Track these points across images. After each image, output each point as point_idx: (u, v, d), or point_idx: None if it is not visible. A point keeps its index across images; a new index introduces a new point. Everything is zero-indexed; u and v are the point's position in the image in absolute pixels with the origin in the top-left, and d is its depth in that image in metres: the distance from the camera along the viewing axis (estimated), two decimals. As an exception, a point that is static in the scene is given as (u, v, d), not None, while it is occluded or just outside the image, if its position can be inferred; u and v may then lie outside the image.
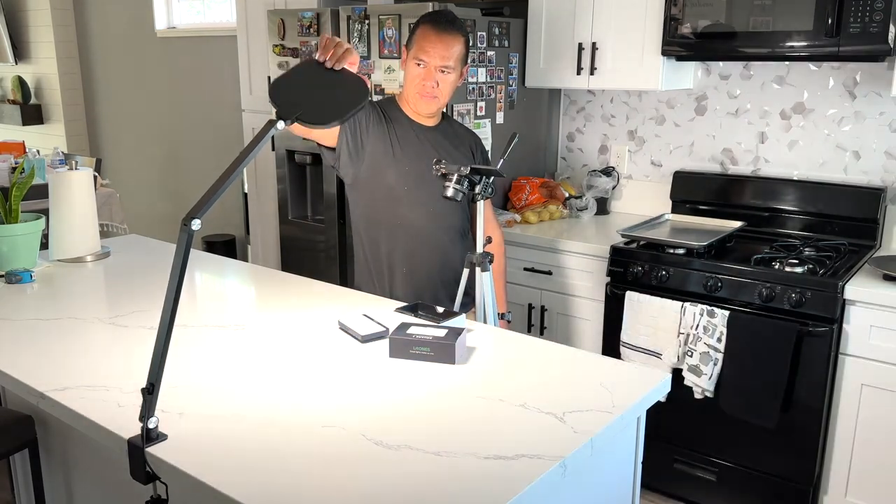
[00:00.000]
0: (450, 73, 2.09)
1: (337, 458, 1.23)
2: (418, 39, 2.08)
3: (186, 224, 1.21)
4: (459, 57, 2.10)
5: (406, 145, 2.14)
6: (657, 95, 3.22)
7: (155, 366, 1.22)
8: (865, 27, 2.35)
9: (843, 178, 2.83)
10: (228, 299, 2.10)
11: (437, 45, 2.05)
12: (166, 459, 1.23)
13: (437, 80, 2.08)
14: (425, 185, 2.14)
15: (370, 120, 2.11)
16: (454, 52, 2.07)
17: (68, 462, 1.93)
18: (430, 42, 2.06)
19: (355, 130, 2.09)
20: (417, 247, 2.19)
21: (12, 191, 2.31)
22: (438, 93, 2.10)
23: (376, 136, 2.12)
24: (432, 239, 2.20)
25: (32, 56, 6.22)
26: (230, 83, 4.81)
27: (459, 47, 2.09)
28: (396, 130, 2.14)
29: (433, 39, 2.05)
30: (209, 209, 1.25)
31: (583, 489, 1.40)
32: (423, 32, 2.08)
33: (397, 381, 1.53)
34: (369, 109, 2.13)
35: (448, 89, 2.12)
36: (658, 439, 2.66)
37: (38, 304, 2.00)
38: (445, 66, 2.07)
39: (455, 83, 2.14)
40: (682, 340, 2.49)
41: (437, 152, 2.16)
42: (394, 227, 2.18)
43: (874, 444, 2.34)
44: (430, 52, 2.06)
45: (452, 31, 2.07)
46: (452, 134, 2.25)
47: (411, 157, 2.14)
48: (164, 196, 5.67)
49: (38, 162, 4.19)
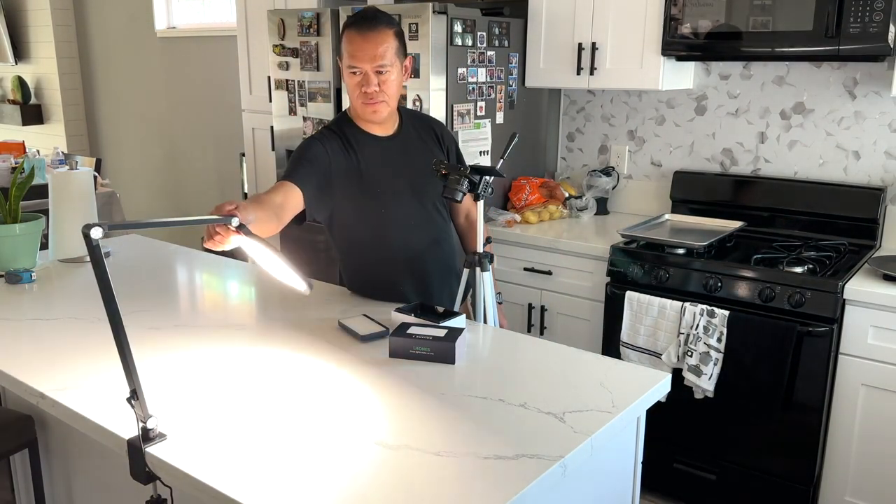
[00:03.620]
0: (389, 72, 1.97)
1: (337, 458, 1.23)
2: (346, 46, 1.98)
3: (86, 233, 1.16)
4: (394, 52, 1.97)
5: (372, 167, 2.05)
6: (657, 95, 3.22)
7: (128, 373, 1.22)
8: (865, 27, 2.35)
9: (843, 178, 2.83)
10: (228, 299, 2.10)
11: (365, 46, 1.94)
12: (166, 459, 1.23)
13: (378, 82, 1.96)
14: (400, 202, 2.07)
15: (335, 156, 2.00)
16: (385, 48, 1.95)
17: (68, 462, 1.93)
18: (357, 46, 1.94)
19: (320, 177, 1.97)
20: (414, 261, 2.12)
21: (12, 191, 2.31)
22: (383, 96, 1.99)
23: (343, 171, 2.01)
24: (425, 249, 2.13)
25: (32, 56, 6.22)
26: (230, 83, 4.81)
27: (391, 42, 1.96)
28: (359, 155, 2.04)
29: (359, 43, 1.94)
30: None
31: (583, 489, 1.40)
32: (348, 38, 1.97)
33: (397, 381, 1.53)
34: (329, 143, 2.02)
35: (392, 89, 2.00)
36: (658, 439, 2.66)
37: (38, 304, 2.00)
38: (381, 66, 1.95)
39: (399, 81, 2.02)
40: (682, 340, 2.49)
41: (407, 162, 2.08)
42: (385, 251, 2.10)
43: (874, 444, 2.34)
44: (360, 56, 1.94)
45: (378, 28, 1.95)
46: (416, 135, 2.15)
47: (381, 179, 2.05)
48: (164, 196, 5.67)
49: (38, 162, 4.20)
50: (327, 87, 3.16)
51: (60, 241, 2.39)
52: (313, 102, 3.23)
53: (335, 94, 3.15)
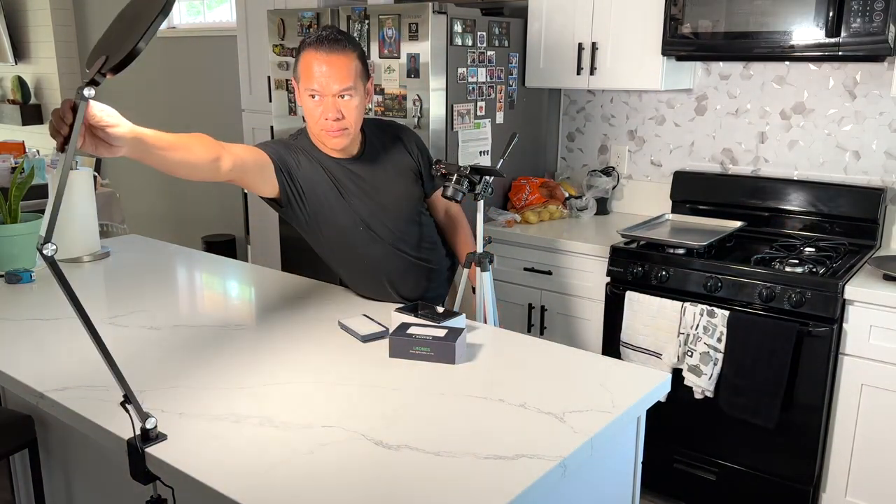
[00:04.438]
0: (352, 97, 1.85)
1: (337, 458, 1.23)
2: (304, 69, 1.84)
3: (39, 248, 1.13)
4: (358, 75, 1.85)
5: (343, 188, 1.96)
6: (657, 95, 3.22)
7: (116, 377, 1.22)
8: (865, 27, 2.35)
9: (843, 178, 2.83)
10: (228, 299, 2.10)
11: (329, 71, 1.81)
12: (166, 459, 1.23)
13: (340, 108, 1.84)
14: (377, 220, 2.00)
15: (299, 159, 1.91)
16: (349, 71, 1.82)
17: (68, 462, 1.93)
18: (319, 68, 1.81)
19: (290, 172, 1.89)
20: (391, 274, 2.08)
21: (12, 191, 2.31)
22: (345, 123, 1.86)
23: (311, 175, 1.92)
24: (399, 265, 2.08)
25: (32, 56, 6.22)
26: (230, 83, 4.81)
27: (354, 64, 1.84)
28: (330, 172, 1.94)
29: (321, 63, 1.81)
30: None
31: (583, 489, 1.40)
32: (307, 59, 1.83)
33: (397, 381, 1.53)
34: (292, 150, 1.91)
35: (354, 115, 1.87)
36: (658, 439, 2.66)
37: (38, 304, 2.00)
38: (344, 89, 1.83)
39: (362, 105, 1.90)
40: (682, 340, 2.49)
41: (375, 183, 2.00)
42: (363, 266, 2.06)
43: (874, 444, 2.34)
44: (323, 80, 1.81)
45: (340, 49, 1.83)
46: (382, 151, 2.05)
47: (354, 198, 1.97)
48: (164, 196, 5.67)
49: (37, 162, 4.19)
50: (327, 87, 3.15)
51: (60, 241, 2.39)
52: (313, 102, 3.23)
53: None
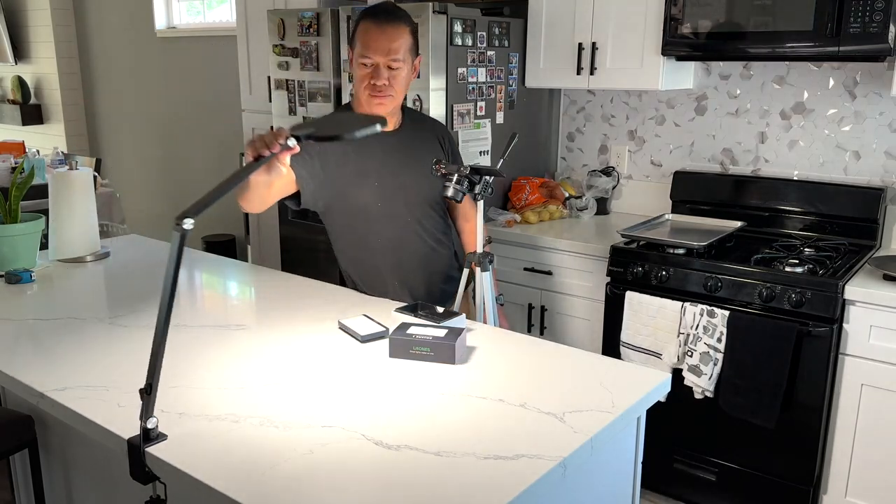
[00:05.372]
0: (400, 68, 1.96)
1: (337, 458, 1.23)
2: (360, 37, 1.96)
3: (179, 223, 1.18)
4: (408, 48, 1.98)
5: (370, 159, 2.04)
6: (657, 95, 3.22)
7: (152, 366, 1.22)
8: (865, 27, 2.35)
9: (843, 178, 2.83)
10: (228, 299, 2.10)
11: (381, 39, 1.93)
12: (166, 459, 1.23)
13: (388, 77, 1.95)
14: (398, 197, 2.07)
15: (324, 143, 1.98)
16: (400, 43, 1.95)
17: (68, 462, 1.93)
18: (373, 37, 1.93)
19: (312, 158, 1.98)
20: (402, 259, 2.13)
21: (12, 191, 2.31)
22: (391, 90, 1.97)
23: (336, 157, 2.01)
24: (414, 248, 2.13)
25: (32, 56, 6.22)
26: (230, 83, 4.81)
27: (406, 38, 1.97)
28: (357, 146, 2.02)
29: (375, 34, 1.93)
30: (205, 210, 1.24)
31: (583, 489, 1.40)
32: (363, 29, 1.96)
33: (397, 381, 1.53)
34: None
35: (401, 85, 1.99)
36: (658, 439, 2.66)
37: (38, 304, 2.00)
38: (393, 59, 1.94)
39: (408, 78, 2.02)
40: (682, 340, 2.49)
41: (404, 160, 2.08)
42: (375, 245, 2.11)
43: (874, 444, 2.34)
44: (374, 47, 1.93)
45: (395, 23, 1.95)
46: (418, 134, 2.15)
47: (378, 173, 2.04)
48: (163, 196, 5.67)
49: (37, 162, 4.19)
50: (327, 87, 3.16)
51: (60, 241, 2.39)
52: (313, 102, 3.23)
53: (335, 94, 3.15)
